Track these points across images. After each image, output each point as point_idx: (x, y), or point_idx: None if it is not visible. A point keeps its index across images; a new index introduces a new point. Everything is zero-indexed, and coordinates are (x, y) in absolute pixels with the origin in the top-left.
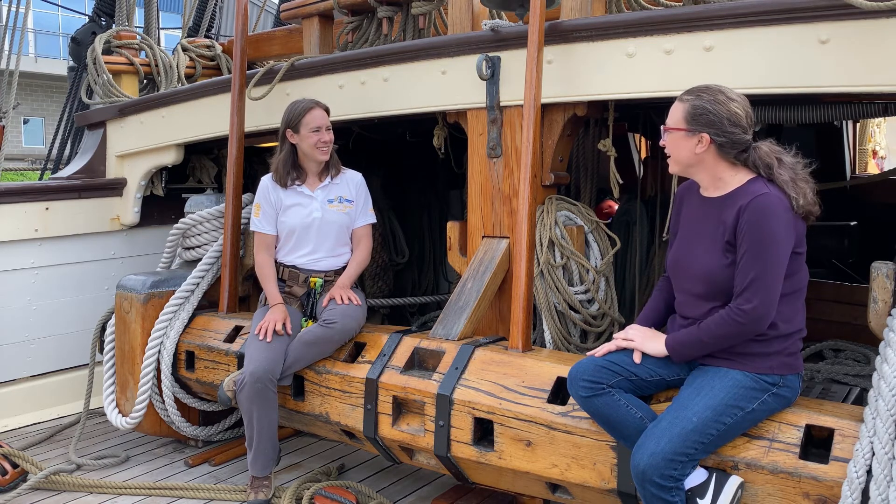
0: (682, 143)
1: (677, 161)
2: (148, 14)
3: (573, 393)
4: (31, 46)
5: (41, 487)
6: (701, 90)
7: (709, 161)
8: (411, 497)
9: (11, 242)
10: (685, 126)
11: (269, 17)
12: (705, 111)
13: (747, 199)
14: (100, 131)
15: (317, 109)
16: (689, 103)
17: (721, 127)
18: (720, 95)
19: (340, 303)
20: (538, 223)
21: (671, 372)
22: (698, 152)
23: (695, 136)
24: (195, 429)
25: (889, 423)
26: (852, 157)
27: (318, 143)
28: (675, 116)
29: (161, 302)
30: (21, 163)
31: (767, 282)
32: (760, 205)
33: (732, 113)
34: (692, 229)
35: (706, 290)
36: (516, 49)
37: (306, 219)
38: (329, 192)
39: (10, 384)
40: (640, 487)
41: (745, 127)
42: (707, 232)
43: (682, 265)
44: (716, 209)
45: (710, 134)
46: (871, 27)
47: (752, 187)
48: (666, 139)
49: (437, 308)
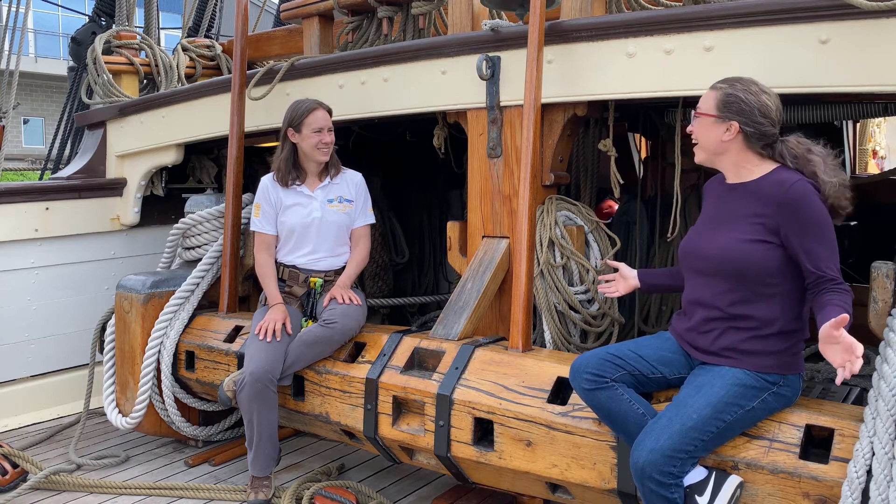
0: (711, 130)
1: (704, 147)
2: (148, 14)
3: (576, 385)
4: (31, 46)
5: (41, 487)
6: (735, 80)
7: (734, 150)
8: (411, 497)
9: (11, 242)
10: (716, 113)
11: (269, 17)
12: (737, 100)
13: (784, 186)
14: (100, 131)
15: (320, 110)
16: (722, 91)
17: (751, 116)
18: (753, 87)
19: (341, 302)
20: (538, 223)
21: (672, 370)
22: (725, 140)
23: (724, 123)
24: (195, 429)
25: (889, 423)
26: (852, 157)
27: (318, 144)
28: (708, 103)
29: (161, 302)
30: (21, 163)
31: (836, 262)
32: (800, 190)
33: (763, 104)
34: (714, 217)
35: (720, 270)
36: (516, 49)
37: (306, 218)
38: (329, 192)
39: (10, 384)
40: (639, 484)
41: (773, 120)
42: (729, 216)
43: (698, 248)
44: (741, 195)
45: (739, 122)
46: (871, 27)
47: (783, 175)
48: (695, 125)
49: (437, 308)
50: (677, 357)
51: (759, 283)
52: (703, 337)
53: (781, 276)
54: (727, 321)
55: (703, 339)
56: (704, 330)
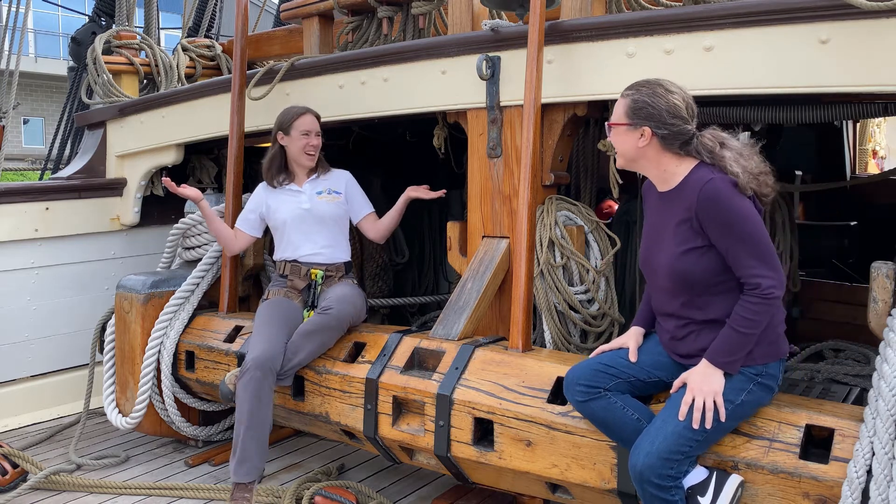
0: (626, 138)
1: (622, 155)
2: (148, 14)
3: (569, 397)
4: (31, 46)
5: (41, 487)
6: (640, 84)
7: (652, 154)
8: (411, 497)
9: (11, 242)
10: (627, 120)
11: (269, 17)
12: (644, 104)
13: (696, 189)
14: (100, 131)
15: (308, 115)
16: (629, 98)
17: (661, 119)
18: (658, 88)
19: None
20: (538, 223)
21: (669, 373)
22: (641, 146)
23: (637, 129)
24: (195, 429)
25: (889, 423)
26: (852, 157)
27: (306, 147)
28: (618, 112)
29: (161, 302)
30: (21, 163)
31: (762, 252)
32: (711, 191)
33: (671, 105)
34: (653, 226)
35: (672, 284)
36: (516, 49)
37: (296, 209)
38: (316, 185)
39: (10, 384)
40: (639, 488)
41: (685, 118)
42: (665, 226)
43: (649, 262)
44: (669, 203)
45: (651, 127)
46: (871, 27)
47: (698, 174)
48: (610, 135)
49: (437, 308)
50: (671, 360)
51: (709, 284)
52: (681, 343)
53: (727, 270)
54: (696, 325)
55: (682, 345)
56: (680, 336)
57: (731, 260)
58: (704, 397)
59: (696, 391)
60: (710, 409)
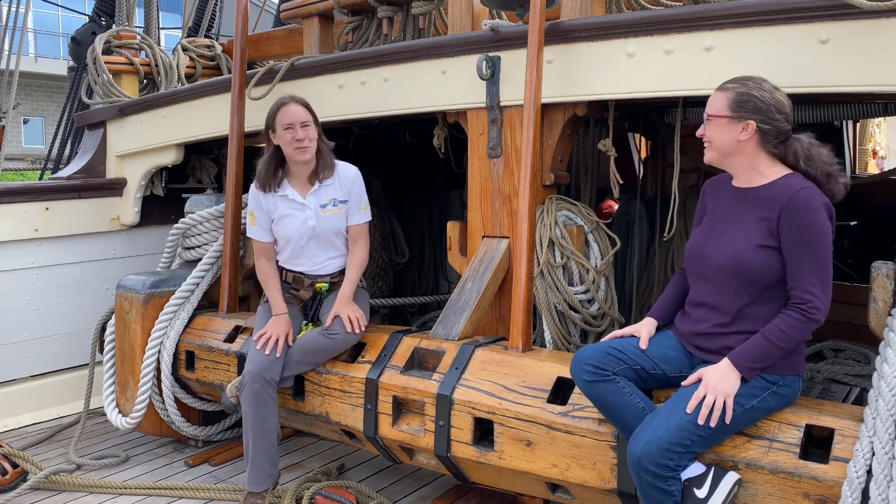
0: (726, 130)
1: (717, 149)
2: (148, 14)
3: (576, 376)
4: (31, 46)
5: (41, 487)
6: (745, 79)
7: (749, 150)
8: (411, 497)
9: (11, 242)
10: (730, 113)
11: (269, 17)
12: (752, 98)
13: (790, 191)
14: (100, 131)
15: (291, 105)
16: (734, 91)
17: (768, 114)
18: (765, 84)
19: (350, 331)
20: (538, 223)
21: (673, 368)
22: (742, 139)
23: (740, 122)
24: (195, 429)
25: (889, 423)
26: (852, 157)
27: (291, 142)
28: (719, 104)
29: (161, 302)
30: (21, 163)
31: (823, 274)
32: (805, 198)
33: (778, 101)
34: (721, 219)
35: (729, 276)
36: (516, 49)
37: (301, 227)
38: (320, 197)
39: (10, 384)
40: (635, 476)
41: (788, 116)
42: (740, 220)
43: (703, 252)
44: (751, 199)
45: (756, 120)
46: (871, 27)
47: (793, 180)
48: (707, 128)
49: (437, 308)
50: (678, 355)
51: (765, 287)
52: (707, 338)
53: (784, 282)
54: (731, 323)
55: (707, 339)
56: (708, 331)
57: (793, 268)
58: (717, 396)
59: (710, 388)
60: (718, 408)
